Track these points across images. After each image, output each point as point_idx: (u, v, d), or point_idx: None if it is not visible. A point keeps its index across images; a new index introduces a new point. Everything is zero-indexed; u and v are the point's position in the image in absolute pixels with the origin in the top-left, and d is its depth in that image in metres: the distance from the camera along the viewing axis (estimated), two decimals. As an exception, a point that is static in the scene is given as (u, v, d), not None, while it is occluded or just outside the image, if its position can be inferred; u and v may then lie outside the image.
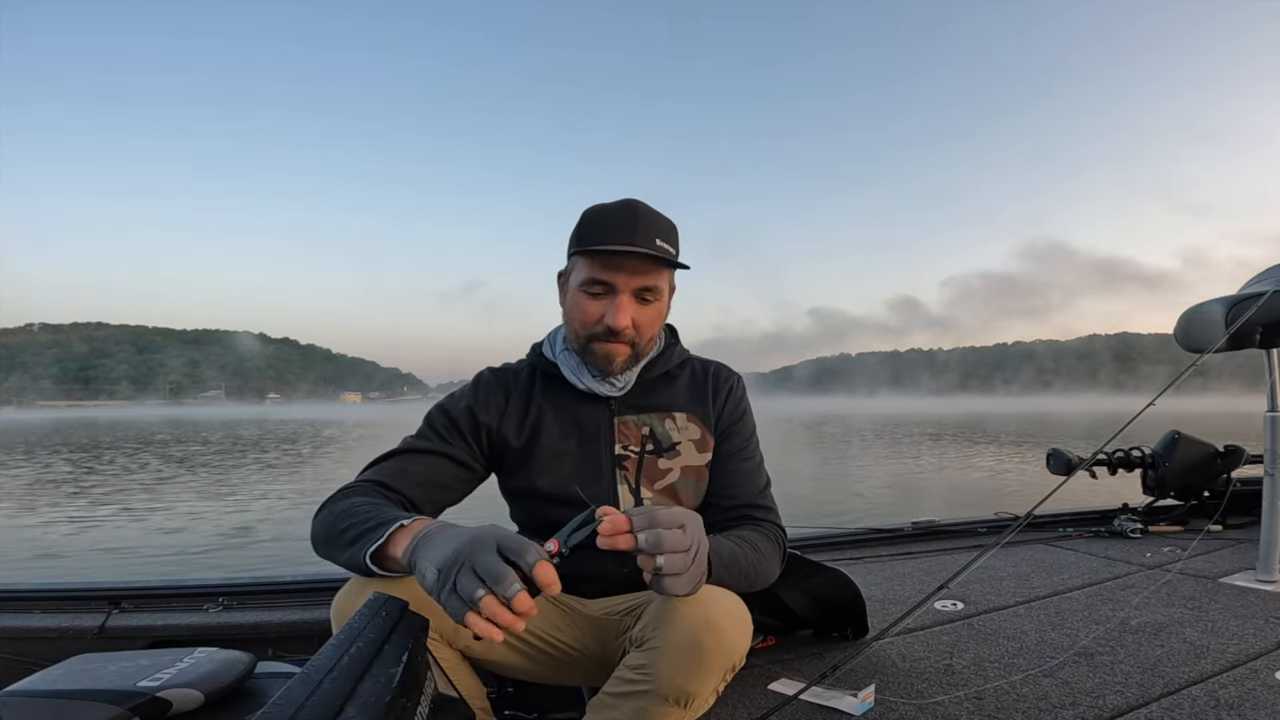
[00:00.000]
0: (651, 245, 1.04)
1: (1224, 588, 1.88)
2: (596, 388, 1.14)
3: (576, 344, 1.13)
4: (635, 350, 1.11)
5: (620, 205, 1.08)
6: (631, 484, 1.13)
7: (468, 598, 0.67)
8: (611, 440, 1.15)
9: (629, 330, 1.07)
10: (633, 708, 0.89)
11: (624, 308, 1.06)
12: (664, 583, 0.77)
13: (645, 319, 1.09)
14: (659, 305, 1.11)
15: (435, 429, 1.13)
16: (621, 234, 1.03)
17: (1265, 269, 2.04)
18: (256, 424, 53.28)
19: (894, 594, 1.92)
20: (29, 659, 1.54)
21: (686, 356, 1.26)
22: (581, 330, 1.10)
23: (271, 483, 13.01)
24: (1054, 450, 2.76)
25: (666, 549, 0.76)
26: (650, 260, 1.05)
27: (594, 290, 1.07)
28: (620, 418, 1.16)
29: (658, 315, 1.12)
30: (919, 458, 17.10)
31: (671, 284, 1.15)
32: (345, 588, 0.95)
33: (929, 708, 1.21)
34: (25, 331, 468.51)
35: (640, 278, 1.06)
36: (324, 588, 1.82)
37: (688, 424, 1.18)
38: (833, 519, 7.58)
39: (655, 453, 1.15)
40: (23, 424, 67.18)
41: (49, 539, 7.44)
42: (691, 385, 1.22)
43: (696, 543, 0.81)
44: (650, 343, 1.14)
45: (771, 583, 1.08)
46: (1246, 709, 1.17)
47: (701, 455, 1.17)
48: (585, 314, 1.08)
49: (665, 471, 1.14)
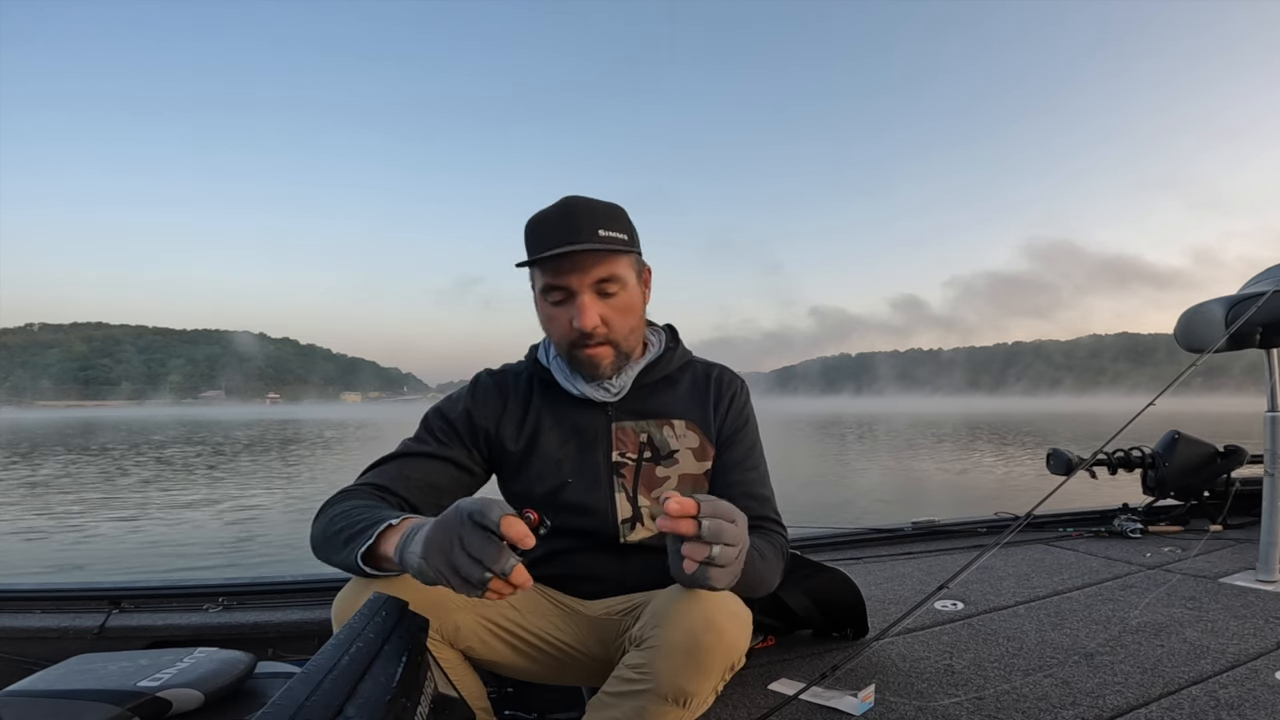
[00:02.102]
0: (594, 238, 1.01)
1: (1224, 588, 1.88)
2: (591, 393, 1.12)
3: (562, 355, 1.12)
4: (618, 348, 1.09)
5: (557, 206, 1.06)
6: (629, 491, 1.12)
7: (477, 583, 0.69)
8: (609, 447, 1.13)
9: (600, 329, 1.05)
10: (632, 707, 0.89)
11: (587, 308, 1.03)
12: (710, 573, 0.76)
13: (614, 312, 1.06)
14: (625, 296, 1.07)
15: (433, 432, 1.12)
16: (562, 235, 1.01)
17: (1265, 269, 2.04)
18: (256, 424, 53.28)
19: (894, 594, 1.92)
20: (29, 659, 1.54)
21: (689, 359, 1.23)
22: (560, 341, 1.09)
23: (272, 483, 13.01)
24: (1054, 450, 2.76)
25: (724, 540, 0.75)
26: (597, 252, 1.02)
27: (554, 298, 1.05)
28: (618, 424, 1.14)
29: (627, 306, 1.08)
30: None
31: (639, 268, 1.11)
32: (345, 588, 0.95)
33: (929, 708, 1.21)
34: (25, 331, 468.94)
35: (593, 272, 1.03)
36: (324, 588, 1.82)
37: (686, 431, 1.15)
38: (833, 519, 7.58)
39: (653, 460, 1.13)
40: (22, 424, 67.17)
41: (49, 539, 7.44)
42: (693, 391, 1.19)
43: (744, 541, 0.80)
44: (633, 335, 1.11)
45: (771, 590, 1.07)
46: (1246, 709, 1.17)
47: (700, 464, 1.15)
48: (556, 324, 1.07)
49: (663, 480, 1.13)
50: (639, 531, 1.11)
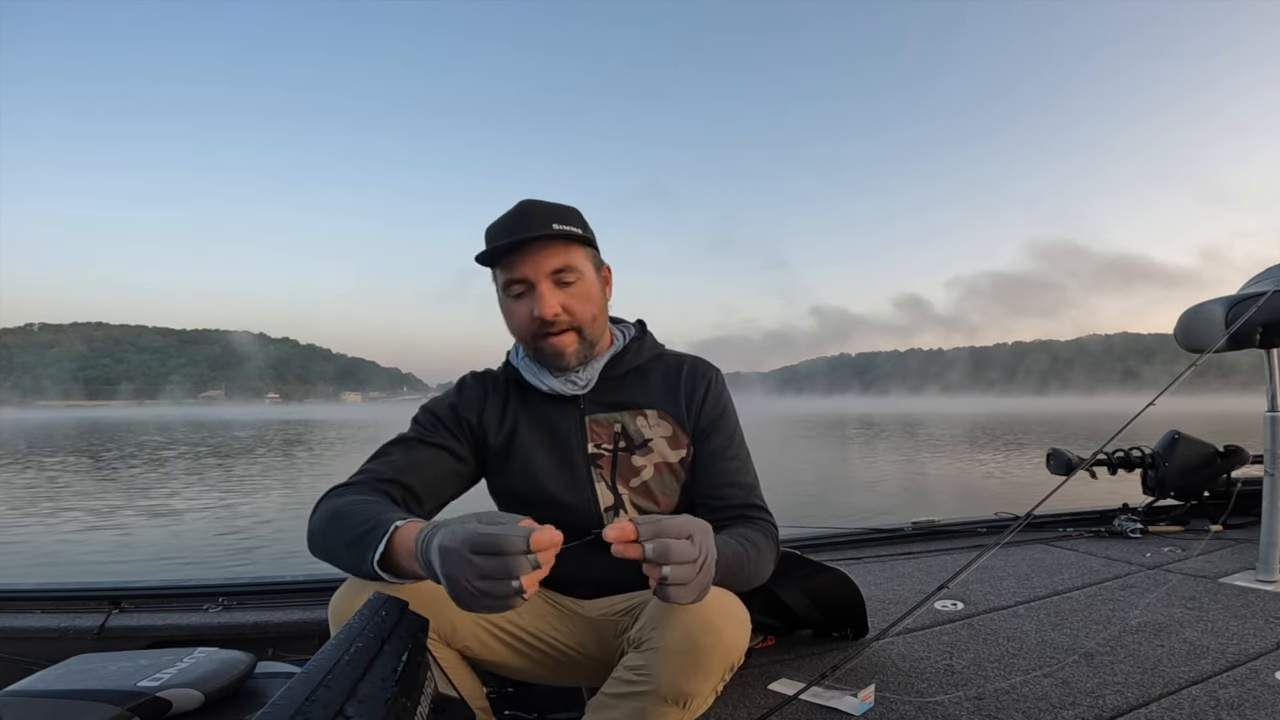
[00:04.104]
0: (548, 230, 1.04)
1: (1224, 588, 1.88)
2: (560, 388, 1.14)
3: (528, 350, 1.15)
4: (582, 334, 1.10)
5: (513, 208, 1.09)
6: (608, 480, 1.14)
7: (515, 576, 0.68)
8: (584, 439, 1.15)
9: (561, 316, 1.07)
10: (631, 708, 0.89)
11: (546, 296, 1.05)
12: (669, 592, 0.76)
13: (573, 300, 1.08)
14: (583, 285, 1.09)
15: (423, 426, 1.15)
16: (515, 230, 1.04)
17: (1266, 269, 2.04)
18: (256, 424, 53.27)
19: (894, 594, 1.92)
20: (29, 659, 1.54)
21: (660, 351, 1.24)
22: (524, 334, 1.11)
23: (272, 483, 13.01)
24: (1054, 450, 2.76)
25: (673, 559, 0.75)
26: (552, 242, 1.05)
27: (515, 291, 1.08)
28: (591, 416, 1.16)
29: (586, 295, 1.10)
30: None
31: (597, 263, 1.14)
32: (342, 588, 0.95)
33: (929, 708, 1.21)
34: (25, 331, 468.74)
35: (548, 261, 1.05)
36: (324, 588, 1.82)
37: (659, 421, 1.17)
38: (833, 519, 7.58)
39: (628, 450, 1.15)
40: (23, 424, 67.17)
41: (49, 539, 7.44)
42: (664, 382, 1.20)
43: (704, 553, 0.80)
44: (595, 324, 1.12)
45: (767, 579, 1.08)
46: (1246, 709, 1.17)
47: (675, 452, 1.16)
48: (517, 317, 1.09)
49: (640, 468, 1.15)
50: (623, 519, 1.12)
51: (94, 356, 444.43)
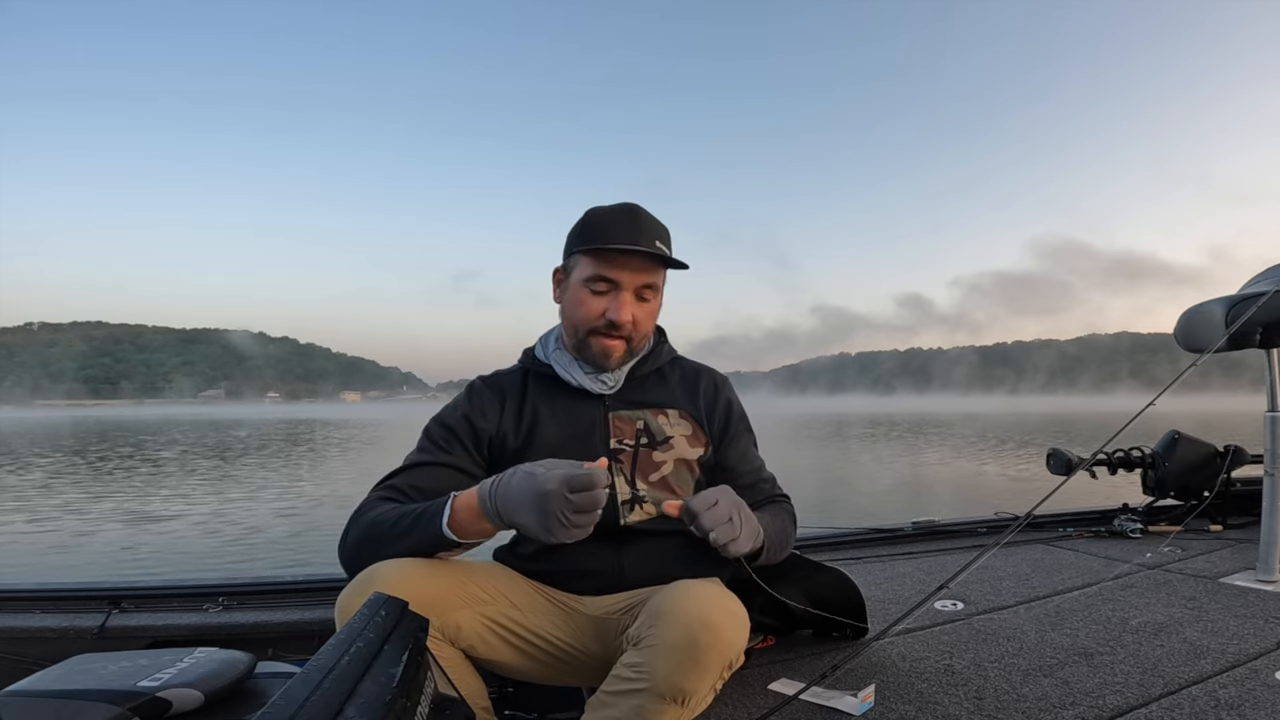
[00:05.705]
0: (653, 246, 1.11)
1: (1224, 588, 1.88)
2: (589, 385, 1.19)
3: (574, 339, 1.18)
4: (630, 346, 1.17)
5: (623, 207, 1.15)
6: (627, 475, 1.17)
7: (600, 506, 0.88)
8: (606, 435, 1.18)
9: (629, 325, 1.14)
10: (630, 706, 0.89)
11: (627, 304, 1.13)
12: (729, 549, 0.96)
13: (643, 315, 1.16)
14: (655, 303, 1.19)
15: (435, 441, 1.16)
16: (626, 234, 1.11)
17: (1266, 268, 2.04)
18: (255, 424, 53.28)
19: (894, 594, 1.92)
20: (29, 659, 1.54)
21: (675, 356, 1.32)
22: (582, 325, 1.15)
23: (271, 483, 13.01)
24: (1054, 450, 2.76)
25: (709, 526, 0.94)
26: (652, 259, 1.13)
27: (598, 287, 1.13)
28: (615, 413, 1.20)
29: (653, 313, 1.19)
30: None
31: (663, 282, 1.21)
32: (348, 587, 0.95)
33: (929, 708, 1.21)
34: (25, 331, 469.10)
35: (643, 275, 1.13)
36: (324, 588, 1.82)
37: (680, 420, 1.23)
38: (833, 519, 7.58)
39: (649, 445, 1.19)
40: (23, 424, 67.18)
41: (49, 539, 7.44)
42: (682, 384, 1.28)
43: (732, 507, 0.98)
44: (644, 339, 1.21)
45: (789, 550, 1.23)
46: (1246, 709, 1.17)
47: (694, 450, 1.22)
48: (588, 309, 1.14)
49: (659, 464, 1.19)
50: (638, 513, 1.16)
51: (94, 356, 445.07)
